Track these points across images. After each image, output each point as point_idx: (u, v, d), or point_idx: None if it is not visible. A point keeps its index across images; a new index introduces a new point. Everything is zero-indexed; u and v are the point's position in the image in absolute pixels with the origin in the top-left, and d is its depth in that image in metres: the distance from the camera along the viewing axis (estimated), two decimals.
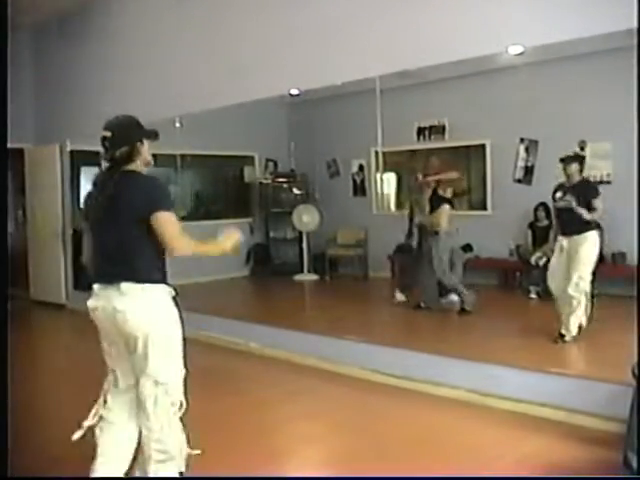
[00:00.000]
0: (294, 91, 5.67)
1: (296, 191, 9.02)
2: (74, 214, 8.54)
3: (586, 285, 4.63)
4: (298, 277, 8.40)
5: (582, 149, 5.74)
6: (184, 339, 2.74)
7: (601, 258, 5.87)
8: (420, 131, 7.44)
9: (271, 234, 8.92)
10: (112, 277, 2.68)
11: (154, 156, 2.95)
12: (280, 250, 8.98)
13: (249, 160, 8.85)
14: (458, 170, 6.42)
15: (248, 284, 8.67)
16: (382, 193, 7.54)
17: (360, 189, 8.25)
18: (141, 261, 2.67)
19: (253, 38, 5.77)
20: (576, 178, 4.75)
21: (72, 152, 8.26)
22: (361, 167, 8.16)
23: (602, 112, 5.50)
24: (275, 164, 8.95)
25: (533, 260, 5.31)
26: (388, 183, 7.80)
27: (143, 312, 2.64)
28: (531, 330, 5.13)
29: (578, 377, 3.90)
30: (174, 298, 2.73)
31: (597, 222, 4.71)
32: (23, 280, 8.57)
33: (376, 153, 6.14)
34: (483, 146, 6.79)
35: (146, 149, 2.83)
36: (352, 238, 8.18)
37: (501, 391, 4.06)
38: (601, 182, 5.65)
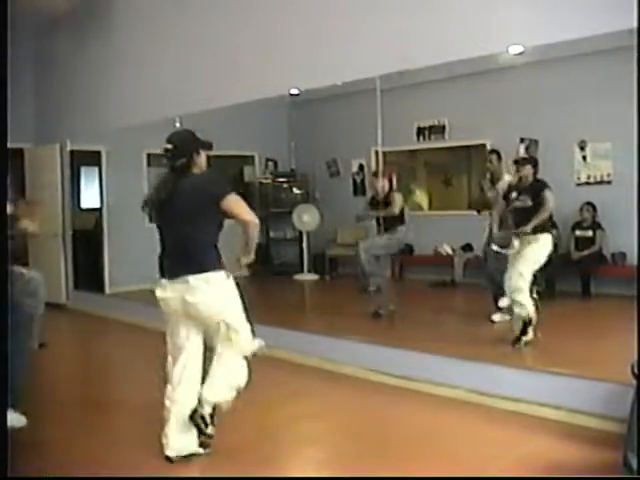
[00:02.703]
0: (294, 91, 5.67)
1: (296, 191, 9.01)
2: (74, 214, 8.55)
3: (525, 284, 4.71)
4: (298, 277, 8.40)
5: (582, 149, 5.75)
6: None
7: (601, 258, 5.91)
8: (420, 131, 7.44)
9: (271, 234, 8.92)
10: (179, 271, 3.12)
11: (154, 156, 3.13)
12: (280, 250, 8.97)
13: (249, 160, 8.85)
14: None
15: (248, 284, 8.66)
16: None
17: (360, 189, 8.25)
18: (204, 254, 3.12)
19: (253, 38, 5.77)
20: (530, 180, 4.88)
21: (72, 152, 8.27)
22: (361, 167, 8.16)
23: (602, 112, 5.49)
24: (275, 164, 8.95)
25: None
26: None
27: (212, 301, 3.14)
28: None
29: (578, 377, 3.89)
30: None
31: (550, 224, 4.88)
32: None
33: (376, 153, 6.13)
34: (483, 146, 6.79)
35: (202, 159, 3.27)
36: (352, 238, 8.17)
37: (501, 391, 4.06)
38: (601, 182, 5.66)
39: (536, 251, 4.76)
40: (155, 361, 5.12)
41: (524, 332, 4.65)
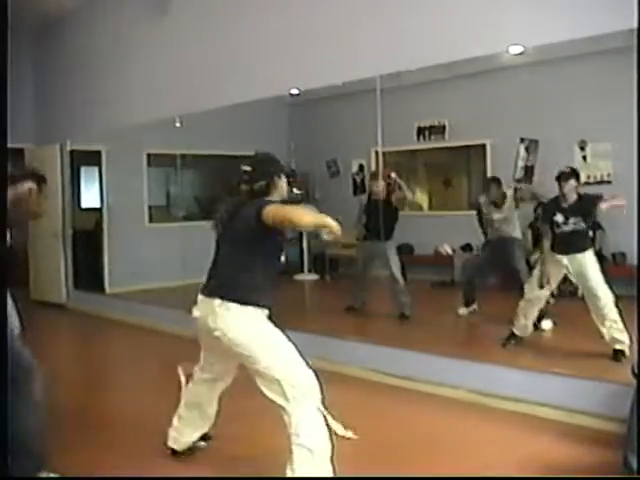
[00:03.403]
0: (294, 91, 5.67)
1: (296, 191, 9.00)
2: (74, 214, 8.55)
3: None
4: (298, 277, 8.40)
5: (582, 149, 5.74)
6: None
7: (601, 258, 5.90)
8: (420, 131, 7.43)
9: None
10: (210, 291, 2.95)
11: (154, 156, 3.04)
12: None
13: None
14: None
15: None
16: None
17: (360, 189, 8.23)
18: (238, 280, 2.90)
19: (253, 38, 5.77)
20: (574, 196, 4.71)
21: (72, 152, 8.27)
22: (361, 167, 8.15)
23: (602, 112, 5.48)
24: None
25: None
26: None
27: (230, 330, 2.88)
28: None
29: (578, 377, 3.89)
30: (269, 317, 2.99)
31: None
32: (23, 280, 8.58)
33: (376, 153, 6.13)
34: (483, 146, 6.78)
35: (283, 184, 3.05)
36: (352, 238, 8.17)
37: (501, 391, 4.06)
38: (601, 182, 5.65)
39: (595, 268, 4.61)
40: (155, 361, 5.14)
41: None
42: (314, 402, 2.86)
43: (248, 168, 2.98)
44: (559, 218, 4.71)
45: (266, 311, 2.99)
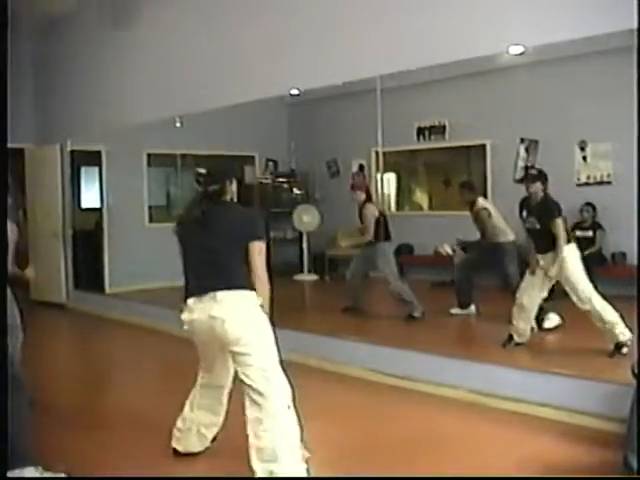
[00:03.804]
0: (294, 91, 5.67)
1: (296, 191, 9.01)
2: (74, 214, 8.55)
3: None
4: (298, 277, 8.40)
5: (582, 149, 5.74)
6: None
7: (601, 258, 5.90)
8: (420, 131, 7.43)
9: (271, 234, 8.91)
10: (205, 288, 3.02)
11: (154, 156, 3.10)
12: (280, 250, 8.96)
13: (249, 160, 8.84)
14: None
15: None
16: (382, 193, 7.53)
17: None
18: (234, 271, 3.05)
19: (253, 38, 5.77)
20: (539, 196, 4.74)
21: (72, 152, 8.27)
22: (361, 167, 8.15)
23: (602, 112, 5.49)
24: (275, 164, 8.94)
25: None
26: (388, 183, 7.79)
27: (240, 321, 2.99)
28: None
29: (578, 377, 3.89)
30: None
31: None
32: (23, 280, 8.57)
33: (376, 153, 6.13)
34: (483, 146, 6.78)
35: (234, 187, 3.29)
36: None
37: (501, 391, 4.06)
38: (601, 182, 5.65)
39: (574, 264, 4.59)
40: (155, 361, 5.15)
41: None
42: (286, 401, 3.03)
43: (203, 171, 3.25)
44: (524, 214, 4.83)
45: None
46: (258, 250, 3.06)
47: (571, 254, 4.60)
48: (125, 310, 7.39)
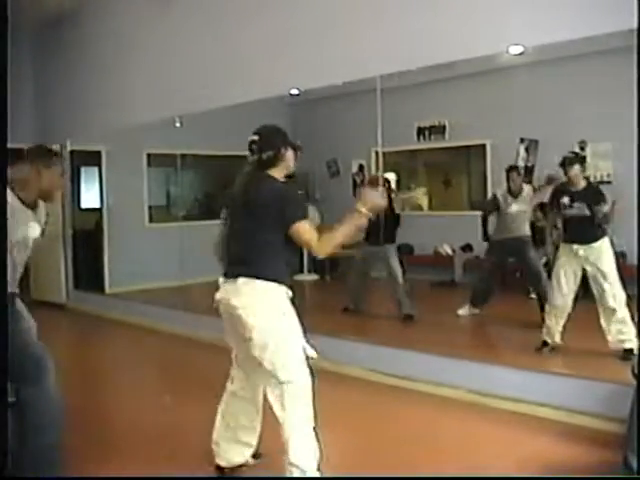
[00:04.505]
0: (294, 91, 5.67)
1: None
2: (74, 214, 8.55)
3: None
4: (298, 277, 8.39)
5: (582, 149, 5.74)
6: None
7: None
8: (420, 131, 7.43)
9: None
10: (232, 273, 2.88)
11: (154, 156, 3.02)
12: None
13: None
14: None
15: None
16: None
17: (360, 189, 8.24)
18: (260, 260, 2.86)
19: (253, 38, 5.77)
20: (581, 182, 4.65)
21: (72, 152, 8.26)
22: (361, 167, 8.15)
23: (602, 112, 5.49)
24: None
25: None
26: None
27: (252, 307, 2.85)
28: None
29: (578, 377, 3.90)
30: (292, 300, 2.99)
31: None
32: (23, 280, 8.57)
33: (376, 153, 6.13)
34: (483, 146, 6.78)
35: (290, 155, 3.08)
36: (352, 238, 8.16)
37: (501, 391, 4.06)
38: (601, 182, 5.65)
39: (611, 262, 4.52)
40: (155, 362, 5.15)
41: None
42: (306, 409, 2.95)
43: (255, 137, 3.01)
44: (565, 200, 4.68)
45: (286, 289, 2.99)
46: (301, 229, 2.79)
47: (609, 245, 4.54)
48: (125, 310, 7.39)
